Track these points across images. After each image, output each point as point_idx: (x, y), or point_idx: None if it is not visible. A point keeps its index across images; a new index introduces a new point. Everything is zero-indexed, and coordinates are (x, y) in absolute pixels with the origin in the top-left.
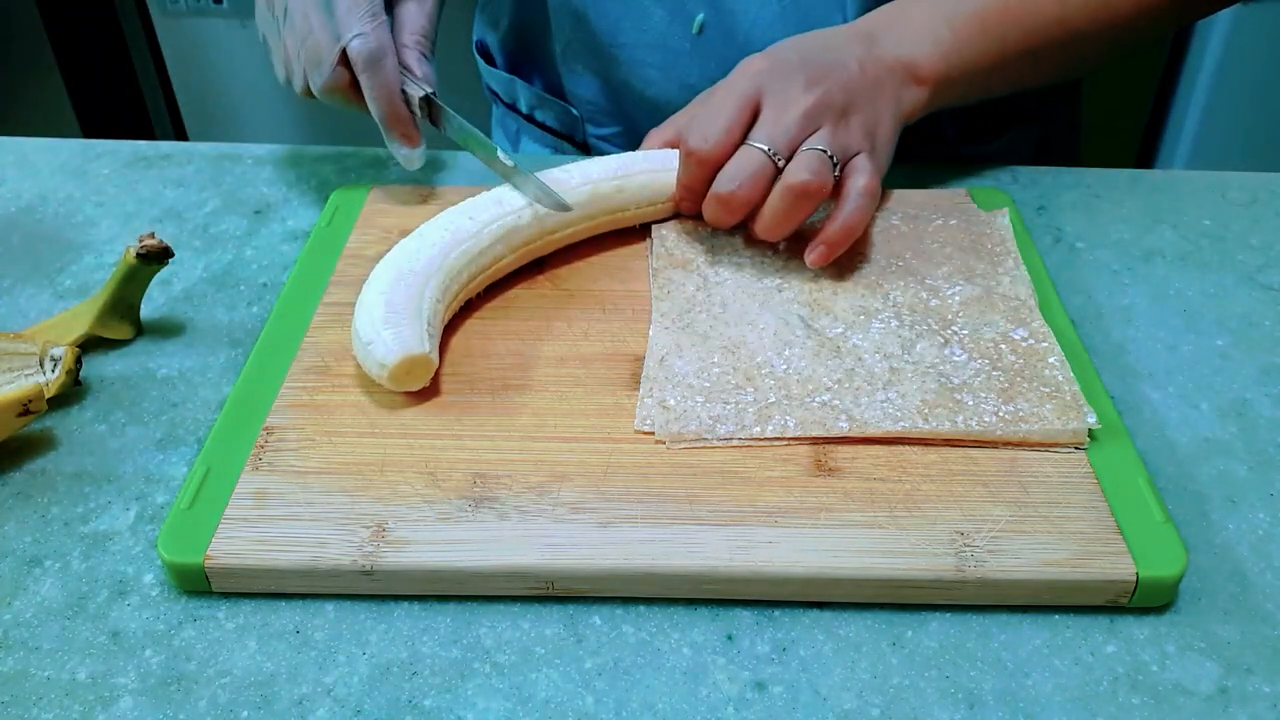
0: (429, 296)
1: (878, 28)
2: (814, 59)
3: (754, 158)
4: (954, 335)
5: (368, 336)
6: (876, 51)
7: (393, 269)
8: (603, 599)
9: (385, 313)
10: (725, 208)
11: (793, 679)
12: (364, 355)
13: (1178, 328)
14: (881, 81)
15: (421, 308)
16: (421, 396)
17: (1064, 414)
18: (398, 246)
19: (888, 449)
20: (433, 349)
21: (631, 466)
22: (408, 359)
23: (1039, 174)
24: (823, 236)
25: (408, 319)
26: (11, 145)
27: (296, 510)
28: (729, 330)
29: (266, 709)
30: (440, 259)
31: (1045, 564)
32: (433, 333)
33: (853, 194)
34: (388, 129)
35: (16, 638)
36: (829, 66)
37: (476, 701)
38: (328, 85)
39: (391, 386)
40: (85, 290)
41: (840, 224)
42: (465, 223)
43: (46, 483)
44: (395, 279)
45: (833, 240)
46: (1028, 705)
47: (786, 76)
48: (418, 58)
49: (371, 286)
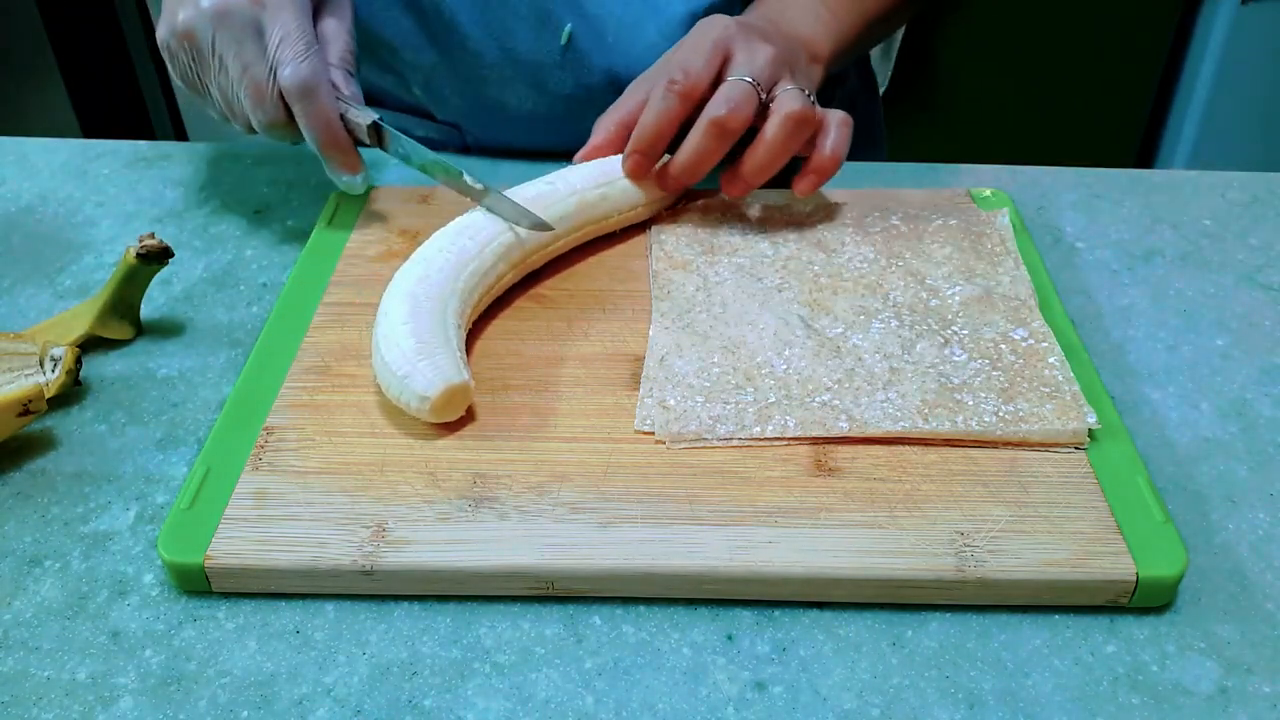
0: (451, 322)
1: (770, 14)
2: (755, 26)
3: (743, 87)
4: (954, 335)
5: (403, 370)
6: (784, 32)
7: (406, 298)
8: (603, 599)
9: (415, 344)
10: (719, 131)
11: (793, 679)
12: (400, 389)
13: (1178, 328)
14: (797, 55)
15: (449, 335)
16: None
17: (1064, 414)
18: (400, 273)
19: (888, 449)
20: (469, 375)
21: (631, 466)
22: (449, 389)
23: (1039, 174)
24: (812, 165)
25: (440, 347)
26: (11, 145)
27: (296, 510)
28: (729, 330)
29: (266, 709)
30: (452, 282)
31: (1045, 564)
32: (463, 358)
33: (833, 123)
34: (325, 157)
35: (16, 638)
36: (770, 32)
37: (476, 701)
38: (268, 121)
39: (431, 419)
40: (85, 290)
41: (829, 150)
42: (466, 243)
43: (46, 483)
44: (414, 308)
45: (823, 166)
46: (1028, 705)
47: (748, 30)
48: (344, 77)
49: (390, 318)
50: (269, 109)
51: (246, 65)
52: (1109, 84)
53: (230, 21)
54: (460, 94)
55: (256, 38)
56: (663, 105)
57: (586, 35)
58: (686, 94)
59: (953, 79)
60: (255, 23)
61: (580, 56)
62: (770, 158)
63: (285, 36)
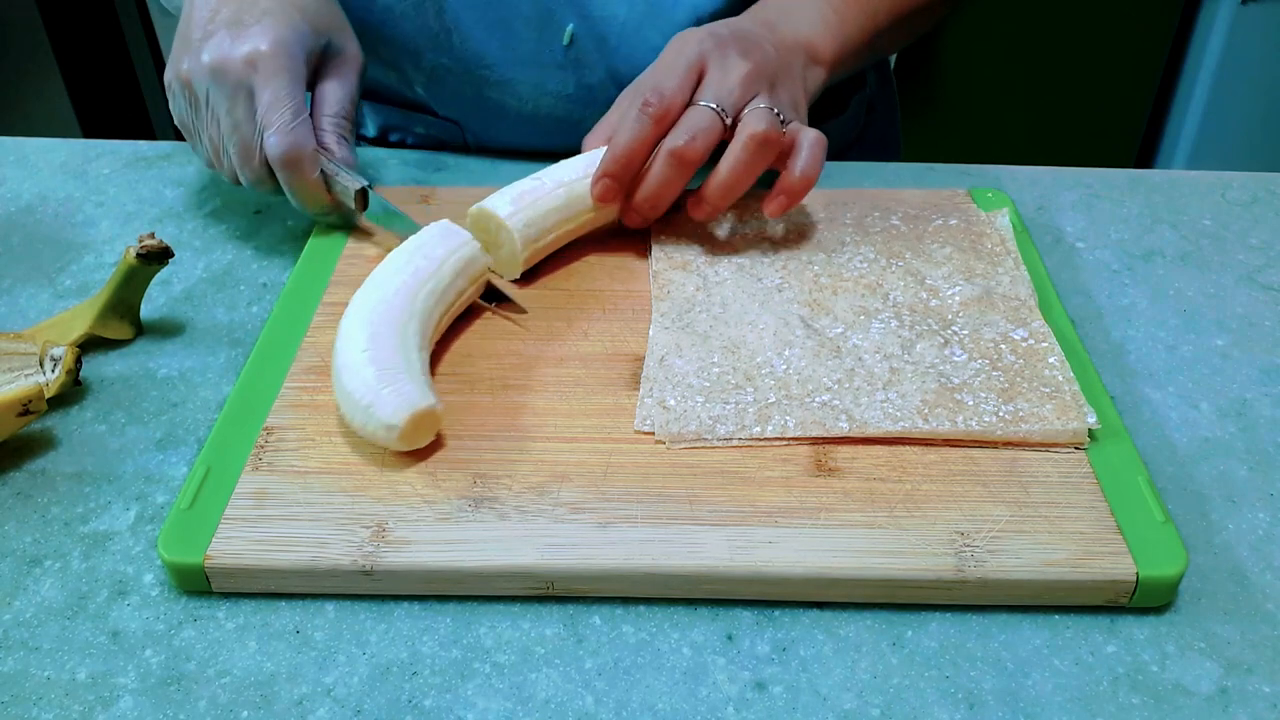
0: (412, 345)
1: (772, 15)
2: (740, 35)
3: (705, 115)
4: (954, 335)
5: (365, 399)
6: (779, 35)
7: (365, 324)
8: (603, 599)
9: (376, 371)
10: (678, 161)
11: (793, 679)
12: (364, 419)
13: (1177, 328)
14: (790, 62)
15: (410, 359)
16: None
17: (1064, 414)
18: (356, 298)
19: (888, 449)
20: (437, 399)
21: (631, 466)
22: (416, 414)
23: (1039, 174)
24: (781, 186)
25: (402, 373)
26: (11, 145)
27: (296, 510)
28: (729, 330)
29: (266, 709)
30: (410, 304)
31: (1045, 564)
32: (428, 381)
33: (805, 144)
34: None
35: (16, 638)
36: (753, 43)
37: (476, 701)
38: (254, 179)
39: (399, 447)
40: (85, 290)
41: (799, 173)
42: (422, 262)
43: (46, 483)
44: (372, 334)
45: (793, 189)
46: (1028, 705)
47: (723, 46)
48: (336, 139)
49: (349, 347)
50: (255, 169)
51: (236, 124)
52: (1109, 84)
53: (225, 80)
54: (462, 92)
55: (248, 100)
56: (636, 128)
57: (588, 36)
58: (659, 118)
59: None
60: (248, 85)
61: (582, 57)
62: (733, 179)
63: (274, 102)
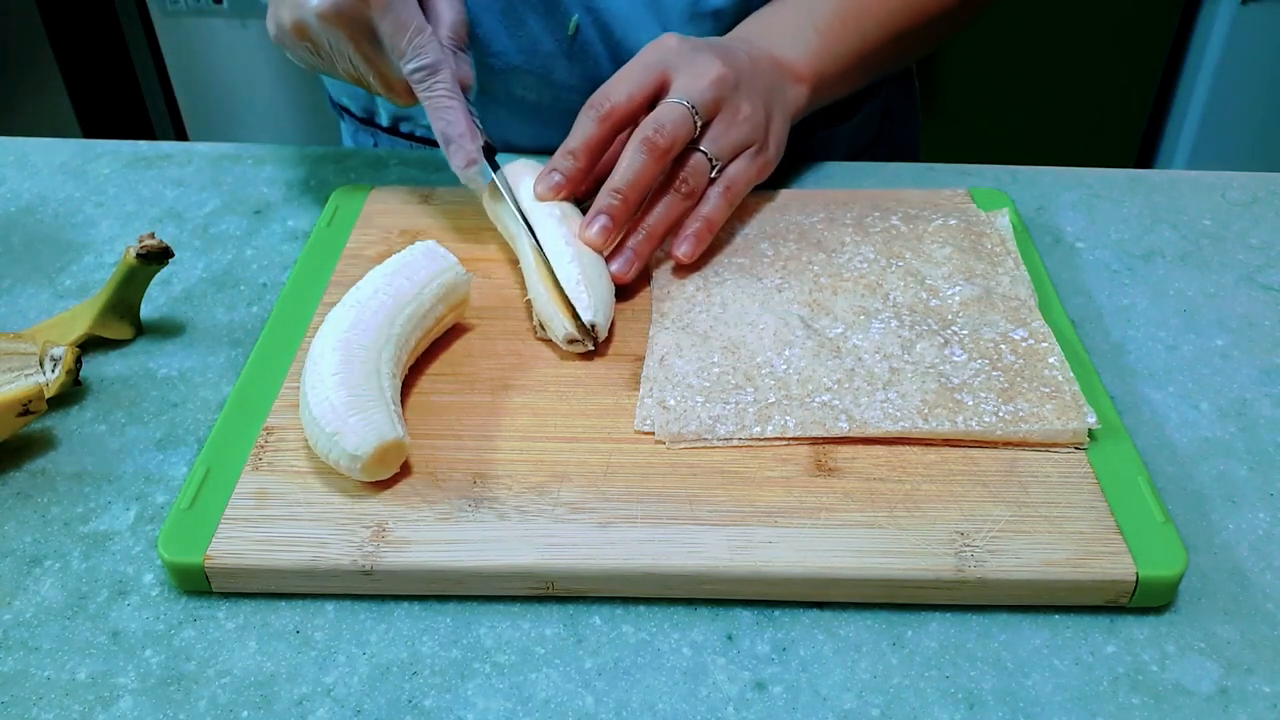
0: (385, 371)
1: (750, 34)
2: (714, 43)
3: (675, 108)
4: (954, 335)
5: (331, 426)
6: (755, 49)
7: (338, 346)
8: (603, 599)
9: (347, 397)
10: (650, 148)
11: (793, 679)
12: (328, 446)
13: (1177, 328)
14: (766, 73)
15: (382, 386)
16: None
17: (1064, 414)
18: (331, 318)
19: (888, 449)
20: (404, 431)
21: (631, 466)
22: (382, 447)
23: (1039, 174)
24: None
25: (372, 400)
26: (11, 145)
27: (296, 510)
28: (729, 330)
29: (266, 709)
30: (386, 328)
31: (1045, 564)
32: (398, 411)
33: (713, 195)
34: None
35: (16, 638)
36: (728, 51)
37: (476, 701)
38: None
39: (362, 478)
40: (85, 290)
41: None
42: (403, 283)
43: (46, 483)
44: (345, 357)
45: (697, 233)
46: (1028, 705)
47: (695, 51)
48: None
49: (319, 367)
50: (401, 95)
51: (367, 58)
52: (1109, 84)
53: (339, 21)
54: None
55: (370, 34)
56: (578, 131)
57: (593, 27)
58: (603, 118)
59: (953, 79)
60: (364, 19)
61: (586, 48)
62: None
63: (398, 29)
